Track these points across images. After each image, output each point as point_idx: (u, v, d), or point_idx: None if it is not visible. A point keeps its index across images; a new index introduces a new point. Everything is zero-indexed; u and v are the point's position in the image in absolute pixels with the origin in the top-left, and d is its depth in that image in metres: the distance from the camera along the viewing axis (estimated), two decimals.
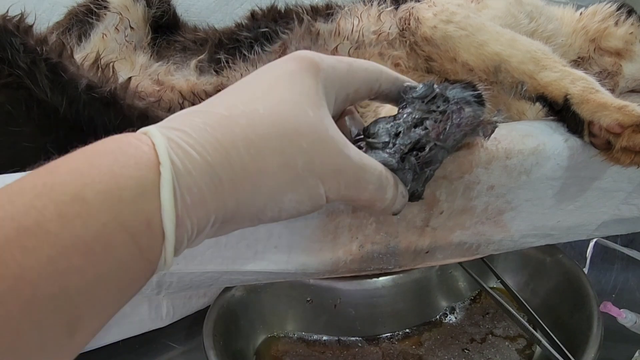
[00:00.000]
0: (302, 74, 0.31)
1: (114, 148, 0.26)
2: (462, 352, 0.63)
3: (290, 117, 0.29)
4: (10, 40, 0.46)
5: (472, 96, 0.37)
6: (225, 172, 0.27)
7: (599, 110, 0.42)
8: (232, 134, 0.28)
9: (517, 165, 0.44)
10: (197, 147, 0.26)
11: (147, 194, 0.25)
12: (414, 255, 0.47)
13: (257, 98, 0.30)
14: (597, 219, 0.50)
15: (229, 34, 0.65)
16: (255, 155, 0.28)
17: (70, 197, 0.23)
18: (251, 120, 0.28)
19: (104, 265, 0.24)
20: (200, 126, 0.27)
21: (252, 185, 0.28)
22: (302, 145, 0.29)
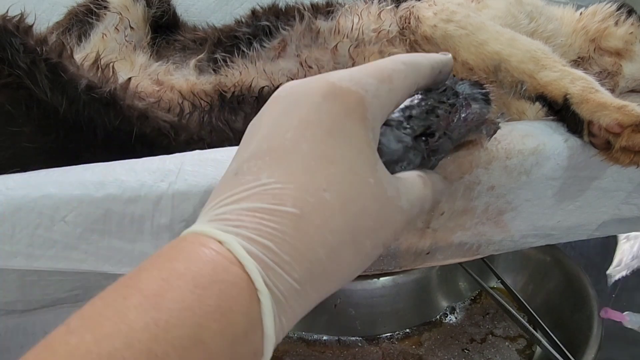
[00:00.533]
0: (351, 121, 0.28)
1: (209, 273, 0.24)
2: (462, 352, 0.63)
3: (357, 196, 0.28)
4: (10, 40, 0.46)
5: (480, 94, 0.37)
6: (311, 285, 0.26)
7: (599, 110, 0.42)
8: (311, 241, 0.26)
9: (517, 166, 0.44)
10: (284, 265, 0.25)
11: (254, 327, 0.24)
12: (415, 257, 0.47)
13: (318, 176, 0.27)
14: (597, 218, 0.50)
15: (228, 32, 0.65)
16: (335, 257, 0.27)
17: (189, 341, 0.22)
18: (324, 217, 0.27)
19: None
20: (278, 236, 0.25)
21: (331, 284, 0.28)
22: (369, 226, 0.28)
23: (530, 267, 0.69)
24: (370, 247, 0.28)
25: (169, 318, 0.22)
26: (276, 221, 0.26)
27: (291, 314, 0.26)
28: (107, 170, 0.41)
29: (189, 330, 0.22)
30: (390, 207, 0.29)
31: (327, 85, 0.29)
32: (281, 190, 0.26)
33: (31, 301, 0.45)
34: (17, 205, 0.39)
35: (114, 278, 0.42)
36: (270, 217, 0.26)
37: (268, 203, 0.26)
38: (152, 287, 0.23)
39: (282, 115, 0.29)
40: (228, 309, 0.23)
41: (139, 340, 0.21)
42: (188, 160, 0.42)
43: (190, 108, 0.54)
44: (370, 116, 0.29)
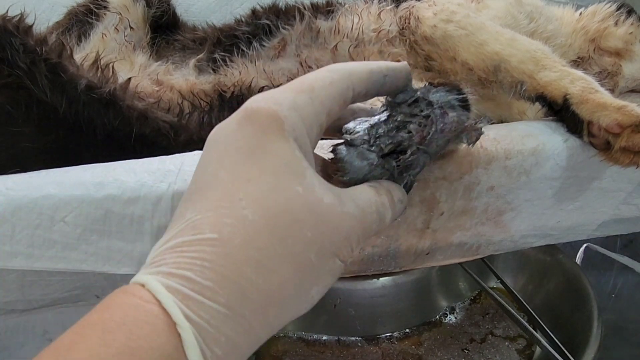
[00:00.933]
0: (268, 138, 0.27)
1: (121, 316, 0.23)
2: (462, 352, 0.63)
3: (283, 209, 0.26)
4: (10, 40, 0.46)
5: (457, 100, 0.36)
6: (244, 307, 0.25)
7: (598, 110, 0.42)
8: (234, 261, 0.25)
9: (517, 166, 0.44)
10: (206, 292, 0.24)
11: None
12: (415, 257, 0.47)
13: (236, 198, 0.26)
14: (596, 219, 0.50)
15: (227, 31, 0.65)
16: (267, 274, 0.25)
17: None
18: (246, 236, 0.25)
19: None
20: (197, 264, 0.24)
21: (278, 303, 0.26)
22: (307, 236, 0.26)
23: (530, 267, 0.69)
24: (317, 258, 0.27)
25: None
26: (195, 250, 0.25)
27: (227, 343, 0.24)
28: (106, 170, 0.41)
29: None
30: (331, 214, 0.27)
31: (241, 111, 0.28)
32: (200, 221, 0.26)
33: (31, 301, 0.45)
34: (17, 205, 0.39)
35: (113, 278, 0.42)
36: (189, 247, 0.25)
37: (188, 235, 0.25)
38: (64, 341, 0.23)
39: (206, 155, 0.29)
40: (137, 347, 0.22)
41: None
42: (188, 160, 0.42)
43: (189, 108, 0.54)
44: (288, 128, 0.28)
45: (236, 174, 0.27)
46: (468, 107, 0.36)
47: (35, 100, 0.46)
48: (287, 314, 0.27)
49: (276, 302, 0.26)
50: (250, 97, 0.29)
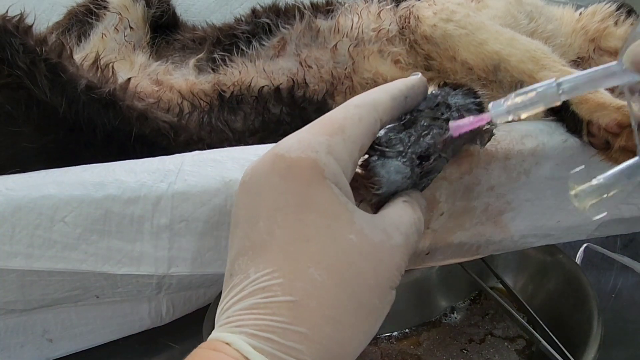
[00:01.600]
0: (313, 190, 0.28)
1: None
2: (461, 352, 0.63)
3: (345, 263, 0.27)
4: (10, 40, 0.46)
5: (474, 104, 0.37)
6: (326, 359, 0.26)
7: (598, 110, 0.42)
8: (314, 323, 0.26)
9: (517, 166, 0.44)
10: (292, 352, 0.25)
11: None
12: (414, 257, 0.47)
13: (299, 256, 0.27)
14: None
15: (227, 30, 0.65)
16: (343, 329, 0.27)
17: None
18: (319, 297, 0.27)
19: None
20: (277, 327, 0.26)
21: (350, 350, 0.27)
22: (370, 284, 0.28)
23: (529, 267, 0.69)
24: (380, 301, 0.28)
25: None
26: (272, 313, 0.26)
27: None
28: (106, 170, 0.41)
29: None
30: (384, 252, 0.29)
31: (279, 160, 0.29)
32: (269, 282, 0.27)
33: (31, 301, 0.45)
34: (17, 205, 0.39)
35: (113, 278, 0.42)
36: (265, 310, 0.26)
37: (260, 298, 0.27)
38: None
39: (252, 207, 0.29)
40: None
41: None
42: (187, 160, 0.42)
43: (189, 108, 0.54)
44: (329, 175, 0.28)
45: (293, 233, 0.28)
46: (483, 110, 0.37)
47: (35, 100, 0.46)
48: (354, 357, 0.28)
49: (352, 351, 0.27)
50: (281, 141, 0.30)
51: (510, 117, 0.33)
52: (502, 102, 0.33)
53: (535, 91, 0.33)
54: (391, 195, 0.34)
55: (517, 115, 0.33)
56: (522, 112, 0.33)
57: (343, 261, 0.27)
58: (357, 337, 0.28)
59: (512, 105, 0.33)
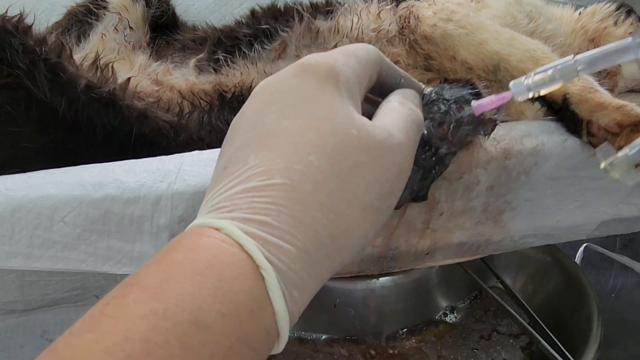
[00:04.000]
0: (325, 87, 0.29)
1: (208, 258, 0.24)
2: (461, 351, 0.63)
3: (344, 152, 0.28)
4: (10, 40, 0.46)
5: (471, 94, 0.37)
6: (318, 252, 0.26)
7: (598, 109, 0.42)
8: (307, 207, 0.26)
9: (517, 165, 0.44)
10: (284, 236, 0.25)
11: (261, 304, 0.24)
12: (414, 257, 0.47)
13: (300, 144, 0.27)
14: (596, 218, 0.50)
15: (228, 32, 0.65)
16: (336, 220, 0.26)
17: (189, 325, 0.22)
18: (315, 182, 0.26)
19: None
20: (272, 209, 0.25)
21: (346, 246, 0.27)
22: (367, 179, 0.28)
23: (529, 267, 0.69)
24: (377, 198, 0.28)
25: (168, 306, 0.22)
26: (268, 195, 0.26)
27: (304, 287, 0.25)
28: (106, 170, 0.41)
29: (188, 316, 0.22)
30: (385, 149, 0.29)
31: (297, 66, 0.30)
32: (268, 166, 0.27)
33: (30, 301, 0.45)
34: (17, 205, 0.39)
35: (113, 278, 0.42)
36: (261, 193, 0.26)
37: (257, 181, 0.26)
38: (151, 280, 0.23)
39: (261, 105, 0.30)
40: (228, 289, 0.23)
41: (137, 332, 0.21)
42: (187, 160, 0.42)
43: (189, 108, 0.54)
44: (343, 79, 0.30)
45: (299, 124, 0.28)
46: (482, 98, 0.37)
47: (34, 100, 0.46)
48: (348, 257, 0.28)
49: (344, 246, 0.27)
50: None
51: (531, 94, 0.35)
52: (523, 79, 0.35)
53: (554, 68, 0.34)
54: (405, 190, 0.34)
55: (537, 92, 0.35)
56: (542, 89, 0.35)
57: (342, 152, 0.27)
58: (350, 232, 0.27)
59: (532, 83, 0.35)
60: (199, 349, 0.21)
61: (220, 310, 0.22)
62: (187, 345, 0.21)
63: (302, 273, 0.25)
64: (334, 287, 0.66)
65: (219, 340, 0.22)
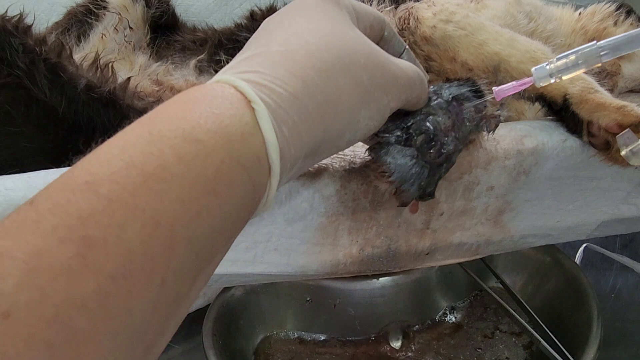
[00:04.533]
0: (325, 3, 0.32)
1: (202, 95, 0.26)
2: (463, 350, 0.63)
3: (339, 40, 0.30)
4: (9, 40, 0.46)
5: (470, 91, 0.37)
6: (309, 101, 0.28)
7: (598, 110, 0.42)
8: (300, 65, 0.28)
9: (517, 166, 0.44)
10: (277, 81, 0.27)
11: (250, 130, 0.25)
12: (414, 257, 0.47)
13: (300, 31, 0.30)
14: (596, 218, 0.50)
15: (228, 34, 0.65)
16: (328, 80, 0.28)
17: (183, 139, 0.23)
18: (309, 51, 0.29)
19: (227, 204, 0.24)
20: (267, 64, 0.28)
21: (333, 107, 0.29)
22: (360, 62, 0.30)
23: (529, 267, 0.69)
24: (369, 82, 0.30)
25: (162, 126, 0.23)
26: (265, 56, 0.28)
27: (293, 126, 0.27)
28: None
29: (182, 132, 0.23)
30: (381, 57, 0.32)
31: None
32: (268, 42, 0.30)
33: None
34: (17, 205, 0.39)
35: None
36: (259, 56, 0.28)
37: (257, 50, 0.29)
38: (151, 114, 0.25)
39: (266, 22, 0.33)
40: (220, 113, 0.25)
41: (134, 145, 0.22)
42: None
43: None
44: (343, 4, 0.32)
45: (299, 20, 0.31)
46: (483, 95, 0.38)
47: (34, 100, 0.46)
48: (337, 123, 0.29)
49: (332, 104, 0.29)
50: None
51: (553, 79, 0.35)
52: (545, 65, 0.35)
53: (576, 54, 0.34)
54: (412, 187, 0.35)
55: (558, 77, 0.35)
56: (565, 74, 0.35)
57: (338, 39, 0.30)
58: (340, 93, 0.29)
59: (554, 67, 0.35)
60: (192, 159, 0.23)
61: (210, 129, 0.24)
62: (180, 155, 0.23)
63: (292, 113, 0.27)
64: (334, 287, 0.66)
65: (210, 153, 0.23)
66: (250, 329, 0.65)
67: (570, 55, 0.34)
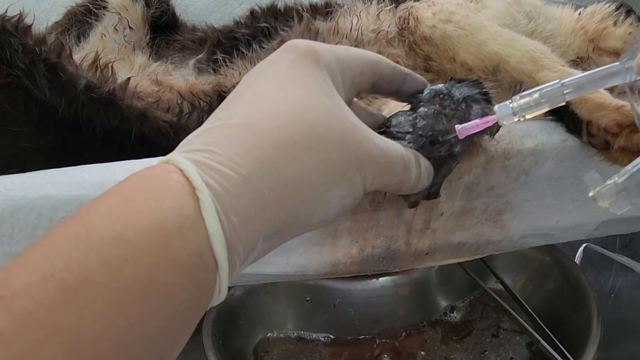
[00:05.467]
0: (304, 62, 0.29)
1: (143, 183, 0.23)
2: (459, 351, 0.63)
3: (310, 110, 0.27)
4: (9, 40, 0.46)
5: (480, 94, 0.38)
6: (264, 183, 0.25)
7: (597, 110, 0.42)
8: (259, 141, 0.25)
9: (516, 166, 0.44)
10: (228, 163, 0.24)
11: (192, 223, 0.23)
12: (414, 257, 0.47)
13: (268, 99, 0.27)
14: (596, 218, 0.50)
15: (227, 32, 0.65)
16: (289, 159, 0.26)
17: (110, 240, 0.21)
18: (272, 123, 0.26)
19: (166, 309, 0.21)
20: (222, 141, 0.25)
21: (296, 191, 0.26)
22: (331, 137, 0.27)
23: (529, 267, 0.69)
24: (339, 160, 0.27)
25: (92, 226, 0.21)
26: (222, 131, 0.26)
27: (243, 213, 0.24)
28: (106, 171, 0.41)
29: (110, 233, 0.21)
30: (357, 131, 0.29)
31: (280, 48, 0.31)
32: (230, 113, 0.27)
33: None
34: (16, 205, 0.39)
35: None
36: (217, 130, 0.26)
37: (218, 123, 0.27)
38: (87, 208, 0.23)
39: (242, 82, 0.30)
40: (156, 208, 0.22)
41: (57, 251, 0.20)
42: None
43: (189, 108, 0.54)
44: (324, 61, 0.30)
45: (268, 82, 0.29)
46: (490, 100, 0.38)
47: (34, 100, 0.46)
48: (302, 207, 0.27)
49: (294, 188, 0.26)
50: None
51: (516, 118, 0.34)
52: (508, 103, 0.34)
53: (539, 92, 0.34)
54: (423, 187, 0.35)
55: (522, 117, 0.34)
56: (528, 112, 0.34)
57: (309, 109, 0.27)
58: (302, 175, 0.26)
59: (517, 106, 0.34)
60: (119, 264, 0.20)
61: (143, 227, 0.21)
62: (107, 260, 0.20)
63: (243, 200, 0.24)
64: (334, 287, 0.67)
65: (140, 255, 0.21)
66: (250, 329, 0.65)
67: (533, 94, 0.34)
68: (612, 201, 0.32)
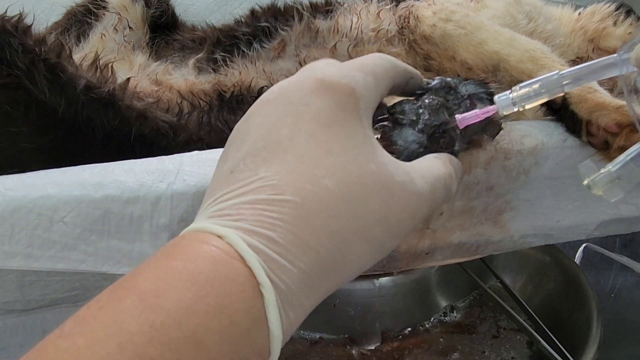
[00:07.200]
0: (345, 114, 0.28)
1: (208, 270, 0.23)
2: (459, 351, 0.63)
3: (358, 182, 0.27)
4: (9, 40, 0.46)
5: (485, 93, 0.38)
6: (318, 274, 0.25)
7: (597, 109, 0.42)
8: (314, 229, 0.25)
9: (516, 166, 0.44)
10: (288, 255, 0.24)
11: (258, 324, 0.23)
12: (414, 257, 0.47)
13: (316, 166, 0.27)
14: (596, 218, 0.50)
15: (227, 31, 0.65)
16: (339, 244, 0.26)
17: (186, 342, 0.21)
18: (326, 205, 0.26)
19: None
20: (279, 225, 0.25)
21: (341, 274, 0.27)
22: (377, 212, 0.27)
23: (529, 267, 0.69)
24: (382, 234, 0.27)
25: (165, 319, 0.21)
26: (276, 210, 0.25)
27: (300, 308, 0.25)
28: (106, 170, 0.41)
29: (186, 331, 0.21)
30: (402, 192, 0.28)
31: (316, 81, 0.29)
32: (280, 181, 0.26)
33: (30, 301, 0.45)
34: (16, 205, 0.39)
35: (113, 278, 0.42)
36: (270, 207, 0.25)
37: (267, 194, 0.25)
38: (149, 287, 0.22)
39: (275, 115, 0.29)
40: (228, 306, 0.22)
41: (133, 344, 0.20)
42: (187, 160, 0.42)
43: (189, 108, 0.54)
44: (362, 106, 0.29)
45: (316, 144, 0.27)
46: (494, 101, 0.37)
47: (34, 100, 0.46)
48: (342, 283, 0.27)
49: (342, 272, 0.26)
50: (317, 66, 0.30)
51: (516, 108, 0.35)
52: (508, 93, 0.35)
53: (539, 82, 0.34)
54: None
55: (522, 106, 0.35)
56: (527, 103, 0.35)
57: (357, 183, 0.27)
58: (350, 260, 0.27)
59: (517, 96, 0.35)
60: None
61: (218, 329, 0.22)
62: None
63: (300, 295, 0.24)
64: None
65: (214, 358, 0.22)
66: None
67: (533, 84, 0.34)
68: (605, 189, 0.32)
